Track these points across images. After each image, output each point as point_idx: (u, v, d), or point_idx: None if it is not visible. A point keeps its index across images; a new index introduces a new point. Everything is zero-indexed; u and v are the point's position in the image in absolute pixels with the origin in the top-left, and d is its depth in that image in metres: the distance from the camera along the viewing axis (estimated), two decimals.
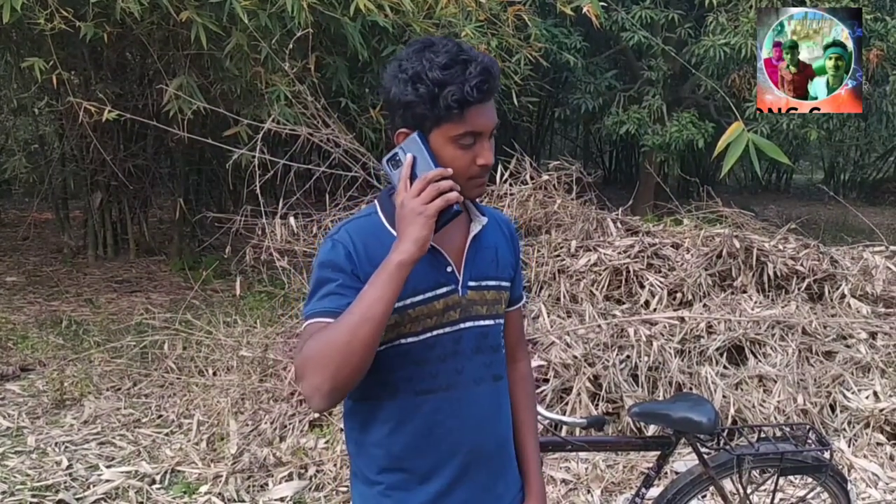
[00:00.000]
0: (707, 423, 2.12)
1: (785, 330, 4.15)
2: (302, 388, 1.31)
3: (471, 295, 1.48)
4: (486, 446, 1.51)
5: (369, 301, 1.28)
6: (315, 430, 3.82)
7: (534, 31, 6.92)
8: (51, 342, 5.28)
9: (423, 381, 1.45)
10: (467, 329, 1.48)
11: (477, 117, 1.36)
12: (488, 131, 1.39)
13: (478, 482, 1.51)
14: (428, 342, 1.44)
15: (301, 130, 4.70)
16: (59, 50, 5.12)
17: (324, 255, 1.41)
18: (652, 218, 6.11)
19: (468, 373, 1.48)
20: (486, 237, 1.53)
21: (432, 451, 1.47)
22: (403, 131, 1.39)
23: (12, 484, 3.36)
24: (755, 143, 2.12)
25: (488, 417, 1.52)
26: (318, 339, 1.30)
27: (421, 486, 1.48)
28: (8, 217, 10.18)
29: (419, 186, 1.32)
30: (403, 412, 1.46)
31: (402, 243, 1.30)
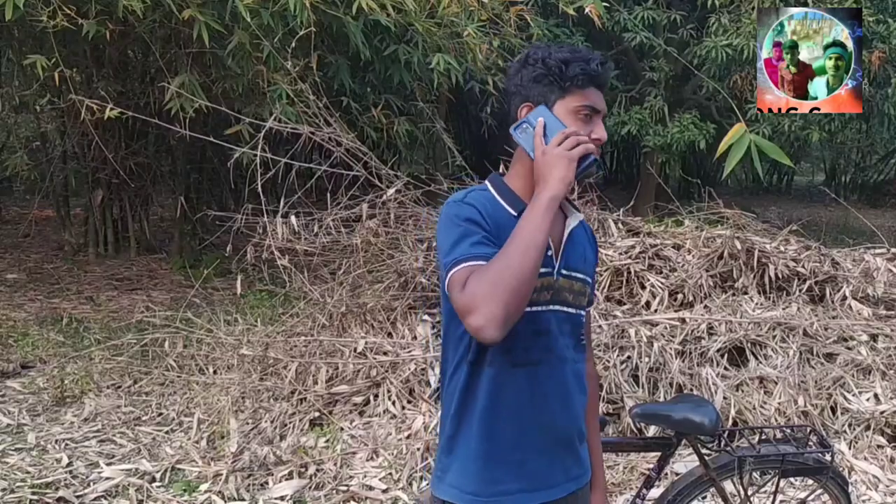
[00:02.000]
0: (708, 425, 2.12)
1: (786, 331, 4.15)
2: (473, 321, 1.37)
3: (563, 281, 1.59)
4: (561, 421, 1.62)
5: (530, 231, 1.42)
6: (315, 429, 3.82)
7: (536, 31, 6.92)
8: (51, 339, 5.29)
9: (518, 354, 1.55)
10: (555, 311, 1.59)
11: (595, 96, 1.56)
12: (602, 112, 1.58)
13: (555, 455, 1.62)
14: (526, 317, 1.50)
15: (303, 129, 4.70)
16: (62, 47, 5.13)
17: (461, 212, 1.52)
18: (653, 219, 6.10)
19: (557, 351, 1.59)
20: (578, 234, 1.66)
21: (516, 421, 1.57)
22: (528, 105, 1.58)
23: (13, 481, 3.36)
24: (757, 144, 2.12)
25: (568, 395, 1.62)
26: (485, 273, 1.39)
27: (507, 455, 1.58)
28: (9, 214, 10.19)
29: (559, 138, 1.49)
30: (497, 382, 1.56)
31: (550, 182, 1.46)
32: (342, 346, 4.21)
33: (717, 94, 9.21)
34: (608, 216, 5.07)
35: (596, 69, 1.54)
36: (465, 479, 1.59)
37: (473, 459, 1.58)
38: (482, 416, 1.57)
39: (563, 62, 1.53)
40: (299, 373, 4.11)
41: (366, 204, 4.58)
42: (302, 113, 5.10)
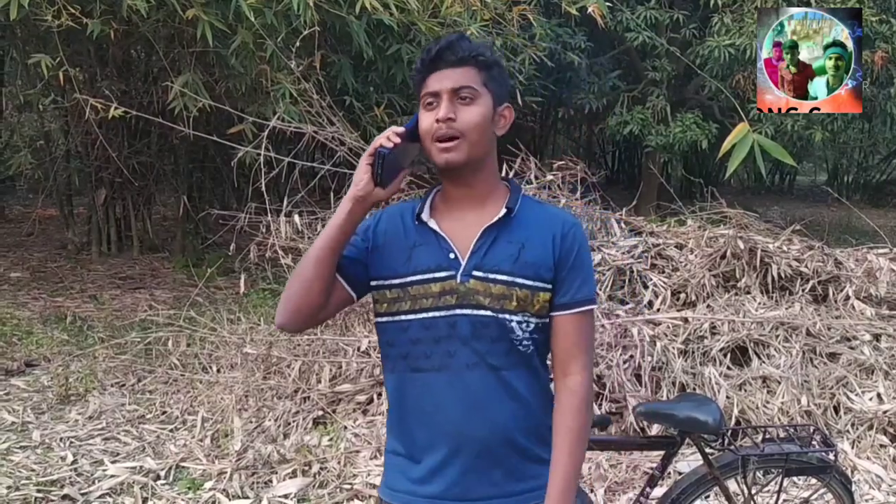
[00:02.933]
0: (712, 424, 2.13)
1: (789, 331, 4.15)
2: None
3: (472, 284, 1.51)
4: (477, 432, 1.53)
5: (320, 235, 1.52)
6: (319, 427, 3.83)
7: (538, 31, 6.92)
8: (55, 338, 5.30)
9: (417, 360, 1.55)
10: (464, 316, 1.52)
11: (433, 81, 1.51)
12: (444, 91, 1.50)
13: (471, 466, 1.54)
14: (424, 322, 1.53)
15: (306, 128, 4.71)
16: (66, 47, 5.13)
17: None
18: (655, 218, 6.11)
19: (460, 357, 1.52)
20: (514, 231, 1.54)
21: (424, 428, 1.56)
22: None
23: (17, 479, 3.38)
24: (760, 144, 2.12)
25: (480, 404, 1.52)
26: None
27: (416, 460, 1.58)
28: (13, 213, 10.21)
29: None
30: (401, 387, 1.58)
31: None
32: (345, 344, 4.22)
33: (720, 94, 9.21)
34: (610, 215, 5.07)
35: (424, 58, 1.53)
36: (385, 474, 1.65)
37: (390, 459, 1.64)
38: (396, 422, 1.61)
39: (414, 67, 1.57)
40: (303, 371, 4.12)
41: None
42: (305, 112, 5.11)
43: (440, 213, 1.57)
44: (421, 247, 1.55)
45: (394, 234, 1.57)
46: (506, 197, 1.58)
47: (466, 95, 1.50)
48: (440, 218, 1.57)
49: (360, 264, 1.57)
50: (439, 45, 1.51)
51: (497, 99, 1.55)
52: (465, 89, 1.50)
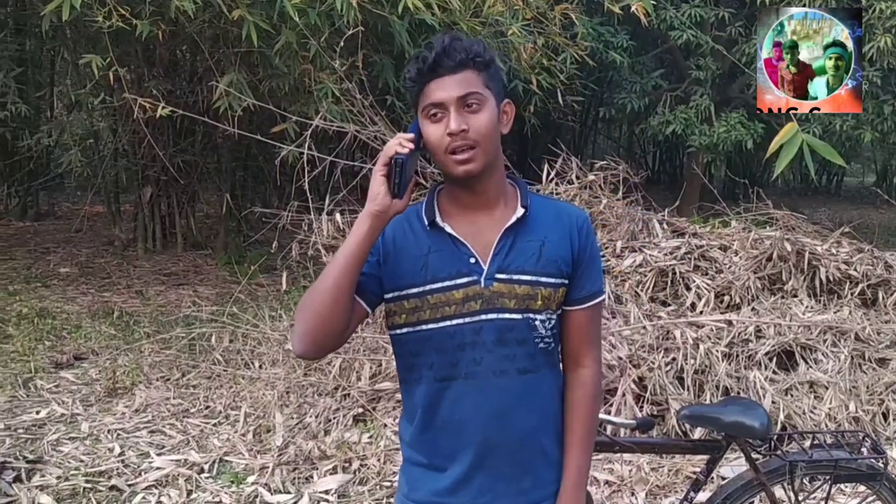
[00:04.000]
0: (760, 428, 2.09)
1: (837, 336, 4.07)
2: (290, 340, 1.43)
3: (497, 287, 1.48)
4: (505, 438, 1.51)
5: (338, 252, 1.43)
6: (359, 424, 3.86)
7: (580, 30, 6.87)
8: (103, 332, 5.42)
9: (443, 369, 1.50)
10: (489, 321, 1.48)
11: (434, 90, 1.43)
12: (450, 101, 1.42)
13: (498, 473, 1.52)
14: (447, 330, 1.49)
15: (348, 127, 4.74)
16: (115, 47, 5.24)
17: None
18: (698, 219, 6.03)
19: (488, 364, 1.49)
20: (533, 230, 1.52)
21: (451, 437, 1.52)
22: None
23: (67, 469, 3.46)
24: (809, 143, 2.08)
25: (509, 410, 1.51)
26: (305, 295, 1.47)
27: (442, 471, 1.54)
28: (62, 210, 10.47)
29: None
30: (427, 398, 1.53)
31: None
32: (385, 342, 4.24)
33: None
34: (653, 216, 5.02)
35: (419, 66, 1.43)
36: (403, 485, 1.61)
37: (410, 469, 1.59)
38: (417, 431, 1.55)
39: (406, 74, 1.47)
40: (343, 369, 4.16)
41: None
42: (347, 111, 5.15)
43: (452, 217, 1.51)
44: (436, 253, 1.48)
45: (404, 242, 1.50)
46: (514, 195, 1.55)
47: (473, 102, 1.43)
48: (453, 222, 1.50)
49: (375, 279, 1.51)
50: (435, 51, 1.42)
51: (498, 97, 1.49)
52: (471, 96, 1.43)
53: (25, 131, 8.50)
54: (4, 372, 4.59)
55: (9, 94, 6.24)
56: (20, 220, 9.64)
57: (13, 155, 9.10)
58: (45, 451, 3.63)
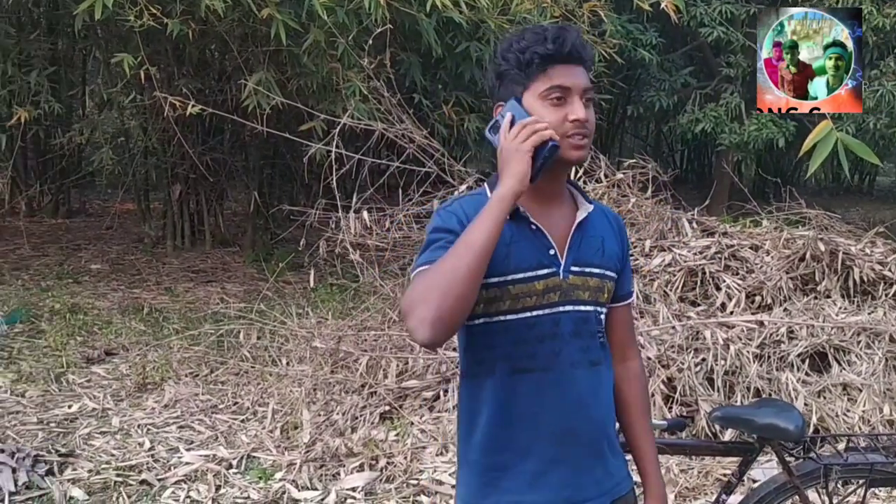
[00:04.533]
0: (794, 431, 2.05)
1: (871, 337, 3.99)
2: (408, 324, 1.34)
3: (572, 279, 1.51)
4: (582, 429, 1.53)
5: (471, 232, 1.35)
6: (386, 422, 3.86)
7: (609, 27, 6.82)
8: (133, 328, 5.49)
9: (520, 360, 1.49)
10: (566, 312, 1.50)
11: (561, 74, 1.44)
12: (577, 89, 1.45)
13: (577, 465, 1.53)
14: (528, 321, 1.48)
15: (376, 126, 4.75)
16: (146, 46, 5.29)
17: (437, 222, 1.49)
18: (728, 218, 5.95)
19: (565, 356, 1.50)
20: (593, 226, 1.57)
21: (527, 431, 1.50)
22: (501, 104, 1.50)
23: (98, 463, 3.51)
24: (844, 142, 2.04)
25: (584, 401, 1.53)
26: (424, 276, 1.38)
27: (517, 465, 1.51)
28: (93, 207, 10.62)
29: (515, 130, 1.41)
30: (501, 391, 1.50)
31: (503, 179, 1.39)
32: (412, 341, 4.24)
33: None
34: (682, 215, 4.96)
35: (549, 47, 1.43)
36: (469, 492, 1.55)
37: (479, 473, 1.53)
38: (487, 428, 1.51)
39: (521, 51, 1.45)
40: (370, 366, 4.16)
41: (437, 200, 4.60)
42: (375, 110, 5.16)
43: (528, 209, 1.51)
44: (518, 243, 1.47)
45: None
46: (568, 191, 1.60)
47: (590, 97, 1.48)
48: (531, 213, 1.51)
49: None
50: (570, 39, 1.44)
51: None
52: (589, 90, 1.47)
53: (58, 130, 8.64)
54: (37, 366, 4.67)
55: (42, 93, 6.33)
56: (52, 217, 9.79)
57: (46, 153, 9.24)
58: (77, 444, 3.69)
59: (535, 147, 1.39)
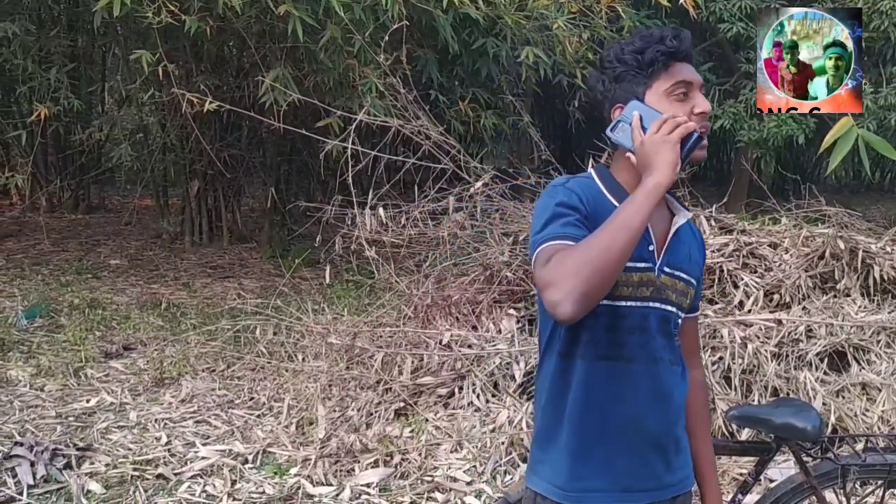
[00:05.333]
0: (812, 431, 2.03)
1: (891, 336, 3.94)
2: (550, 295, 1.32)
3: (664, 279, 1.55)
4: (652, 423, 1.56)
5: (628, 213, 1.37)
6: (400, 419, 3.86)
7: (627, 23, 6.77)
8: (151, 323, 5.52)
9: (608, 348, 1.52)
10: (654, 309, 1.54)
11: (683, 70, 1.51)
12: (697, 84, 1.52)
13: (641, 457, 1.56)
14: (621, 311, 1.51)
15: (392, 122, 4.75)
16: (164, 43, 5.33)
17: (559, 195, 1.50)
18: (747, 216, 5.90)
19: (651, 350, 1.54)
20: (685, 234, 1.62)
21: (603, 417, 1.54)
22: (619, 106, 1.53)
23: (115, 457, 3.54)
24: (865, 139, 2.02)
25: (659, 396, 1.56)
26: (571, 251, 1.36)
27: (592, 450, 1.55)
28: (112, 203, 10.71)
29: (657, 124, 1.44)
30: (585, 374, 1.53)
31: (656, 167, 1.40)
32: (427, 337, 4.24)
33: None
34: (700, 213, 4.93)
35: (672, 44, 1.49)
36: (555, 472, 1.57)
37: (563, 453, 1.56)
38: (571, 410, 1.54)
39: (638, 52, 1.50)
40: (385, 363, 4.17)
41: (453, 197, 4.60)
42: (391, 106, 5.17)
43: None
44: None
45: (602, 215, 1.44)
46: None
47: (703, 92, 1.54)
48: None
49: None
50: (686, 37, 1.51)
51: None
52: (703, 86, 1.54)
53: (78, 126, 8.71)
54: (56, 361, 4.71)
55: (62, 90, 6.39)
56: (72, 212, 9.88)
57: (66, 149, 9.32)
58: (95, 438, 3.72)
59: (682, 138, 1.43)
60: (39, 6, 6.94)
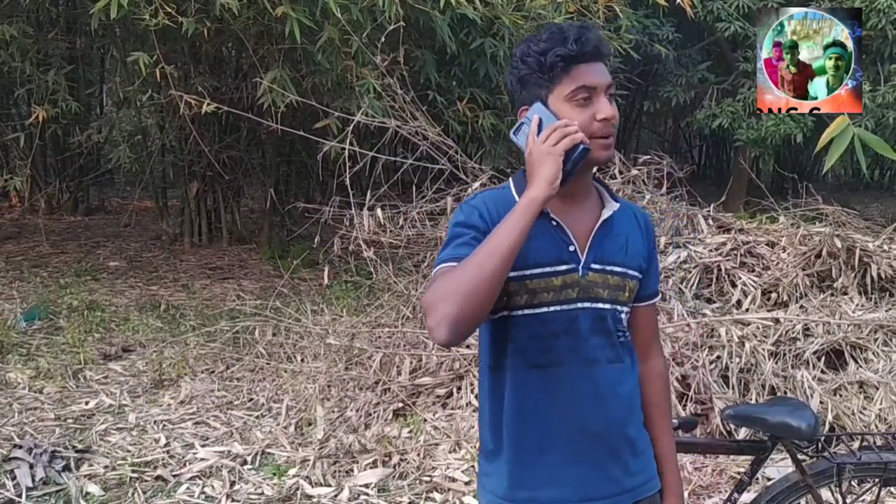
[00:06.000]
0: (807, 429, 2.04)
1: (889, 335, 3.95)
2: (428, 322, 1.34)
3: (592, 276, 1.51)
4: (597, 427, 1.53)
5: (498, 235, 1.35)
6: (399, 419, 3.87)
7: (625, 23, 6.78)
8: (150, 325, 5.53)
9: (536, 356, 1.50)
10: (584, 309, 1.50)
11: (586, 73, 1.44)
12: (602, 87, 1.45)
13: (592, 462, 1.53)
14: (544, 317, 1.48)
15: (390, 123, 4.76)
16: (162, 45, 5.33)
17: (459, 215, 1.50)
18: (745, 215, 5.90)
19: (582, 352, 1.50)
20: (618, 224, 1.56)
21: (542, 426, 1.51)
22: (525, 107, 1.49)
23: (114, 459, 3.54)
24: (861, 137, 2.02)
25: (599, 399, 1.52)
26: (448, 275, 1.37)
27: (536, 460, 1.52)
28: (111, 205, 10.73)
29: (545, 133, 1.40)
30: (518, 385, 1.51)
31: (533, 182, 1.38)
32: (426, 338, 4.25)
33: None
34: (697, 212, 4.93)
35: (572, 48, 1.42)
36: (498, 484, 1.56)
37: (505, 464, 1.54)
38: (508, 421, 1.53)
39: (541, 54, 1.44)
40: (384, 363, 4.17)
41: (451, 197, 4.60)
42: (389, 107, 5.16)
43: (550, 205, 1.48)
44: (538, 238, 1.45)
45: None
46: (595, 189, 1.59)
47: (612, 93, 1.48)
48: (552, 209, 1.50)
49: None
50: (591, 37, 1.44)
51: None
52: (612, 86, 1.48)
53: (76, 128, 8.72)
54: (55, 363, 4.72)
55: (60, 92, 6.40)
56: (71, 214, 9.90)
57: (65, 151, 9.34)
58: (94, 440, 3.73)
59: (566, 151, 1.38)
60: (37, 8, 6.93)
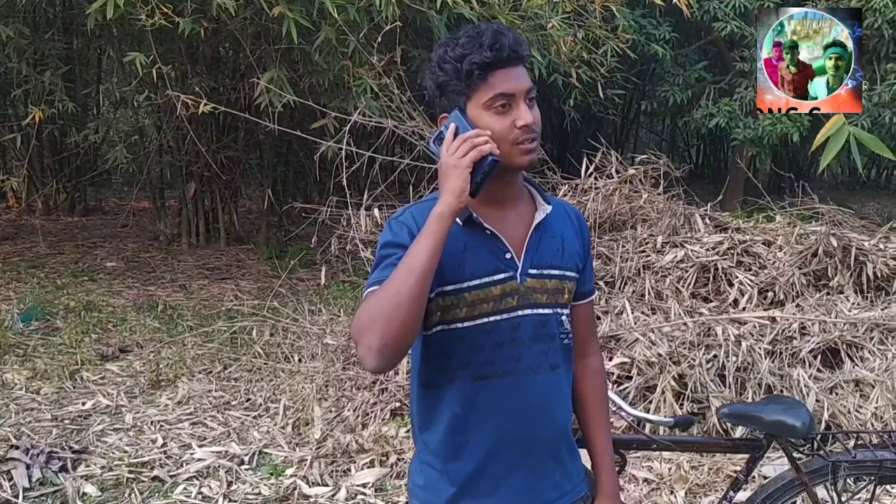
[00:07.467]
0: (802, 428, 2.04)
1: (885, 333, 3.96)
2: (358, 352, 1.33)
3: (530, 283, 1.48)
4: (542, 434, 1.52)
5: (411, 256, 1.32)
6: (396, 419, 3.87)
7: (622, 22, 6.79)
8: (147, 325, 5.53)
9: (480, 368, 1.47)
10: (525, 317, 1.48)
11: (503, 80, 1.39)
12: (520, 93, 1.41)
13: (535, 469, 1.52)
14: (485, 328, 1.46)
15: (387, 123, 4.76)
16: (158, 45, 5.32)
17: (387, 236, 1.45)
18: (742, 214, 5.91)
19: (525, 360, 1.48)
20: (552, 226, 1.54)
21: (490, 437, 1.49)
22: (444, 116, 1.44)
23: (111, 459, 3.55)
24: (857, 136, 2.03)
25: (545, 406, 1.52)
26: (369, 301, 1.35)
27: (478, 472, 1.50)
28: (108, 205, 10.71)
29: (455, 145, 1.36)
30: (461, 398, 1.48)
31: (442, 196, 1.34)
32: None
33: None
34: (694, 211, 4.95)
35: (488, 55, 1.37)
36: (430, 495, 1.53)
37: (442, 480, 1.51)
38: (447, 435, 1.49)
39: (457, 60, 1.39)
40: None
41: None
42: (386, 107, 5.17)
43: (482, 214, 1.47)
44: (473, 249, 1.44)
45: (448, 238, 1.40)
46: (527, 191, 1.56)
47: (533, 96, 1.43)
48: (485, 218, 1.47)
49: None
50: (507, 42, 1.38)
51: None
52: (532, 90, 1.42)
53: (73, 128, 8.70)
54: (52, 364, 4.72)
55: (56, 92, 6.39)
56: (68, 215, 9.88)
57: (61, 151, 9.32)
58: (91, 441, 3.73)
59: (474, 162, 1.34)
60: (34, 8, 6.93)
